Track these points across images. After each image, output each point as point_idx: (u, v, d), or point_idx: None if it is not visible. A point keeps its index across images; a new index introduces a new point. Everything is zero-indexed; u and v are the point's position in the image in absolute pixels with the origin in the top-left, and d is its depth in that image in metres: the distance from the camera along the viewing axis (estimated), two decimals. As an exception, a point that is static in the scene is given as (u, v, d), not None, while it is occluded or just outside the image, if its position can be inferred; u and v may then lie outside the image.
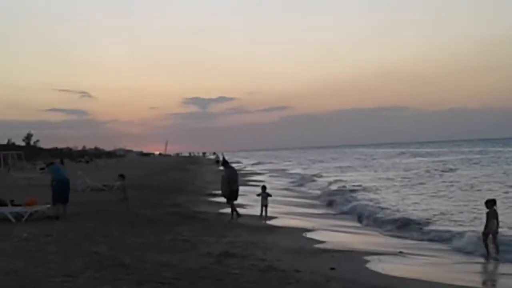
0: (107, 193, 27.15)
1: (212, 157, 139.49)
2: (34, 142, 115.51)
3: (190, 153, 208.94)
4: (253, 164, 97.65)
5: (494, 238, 13.34)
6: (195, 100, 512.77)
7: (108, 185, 30.19)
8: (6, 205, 17.64)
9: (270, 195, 20.62)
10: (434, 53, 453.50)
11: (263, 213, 20.17)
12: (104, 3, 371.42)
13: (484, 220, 13.66)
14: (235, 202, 19.20)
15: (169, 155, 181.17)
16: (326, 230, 17.55)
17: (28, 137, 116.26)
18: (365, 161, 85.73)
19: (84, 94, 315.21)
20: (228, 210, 19.69)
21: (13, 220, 16.31)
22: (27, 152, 65.43)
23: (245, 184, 40.54)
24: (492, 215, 13.44)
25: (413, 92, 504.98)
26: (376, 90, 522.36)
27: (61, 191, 17.74)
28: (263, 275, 9.80)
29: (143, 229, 15.43)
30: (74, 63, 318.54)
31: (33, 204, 17.91)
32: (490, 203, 13.72)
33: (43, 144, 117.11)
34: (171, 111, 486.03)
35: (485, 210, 13.82)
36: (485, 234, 13.38)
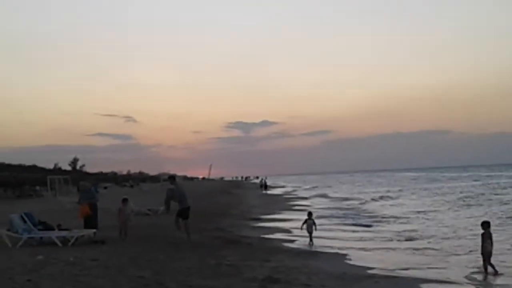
0: (152, 218, 27.35)
1: (256, 181, 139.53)
2: (80, 167, 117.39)
3: (233, 178, 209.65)
4: (295, 188, 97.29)
5: (489, 258, 13.78)
6: (238, 124, 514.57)
7: (153, 210, 30.43)
8: (53, 229, 17.95)
9: (315, 223, 20.32)
10: (478, 76, 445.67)
11: (310, 240, 19.84)
12: (148, 28, 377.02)
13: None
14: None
15: (213, 179, 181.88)
16: (371, 254, 17.34)
17: (74, 161, 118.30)
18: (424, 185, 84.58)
19: (129, 118, 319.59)
20: (272, 235, 19.62)
21: (59, 244, 16.53)
22: (73, 176, 66.40)
23: (290, 208, 40.51)
24: (487, 236, 13.88)
25: (456, 115, 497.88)
26: (418, 114, 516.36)
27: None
28: (307, 301, 9.73)
29: (187, 253, 15.48)
30: (119, 88, 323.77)
31: (85, 212, 18.27)
32: (485, 225, 14.18)
33: (89, 169, 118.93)
34: (214, 135, 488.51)
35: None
36: (483, 254, 13.81)
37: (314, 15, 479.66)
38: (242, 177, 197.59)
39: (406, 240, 21.26)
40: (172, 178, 20.31)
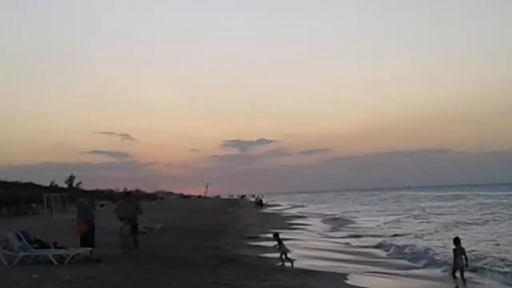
0: (148, 236, 27.26)
1: (252, 199, 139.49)
2: (77, 184, 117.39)
3: (229, 196, 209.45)
4: (292, 207, 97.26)
5: (462, 272, 14.93)
6: (235, 143, 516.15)
7: (149, 228, 30.35)
8: (49, 247, 17.87)
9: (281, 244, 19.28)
10: (480, 94, 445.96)
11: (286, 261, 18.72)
12: (147, 46, 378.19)
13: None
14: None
15: (209, 198, 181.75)
16: (368, 275, 17.31)
17: (71, 179, 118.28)
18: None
19: (126, 136, 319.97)
20: (269, 254, 19.48)
21: (55, 262, 16.44)
22: (70, 194, 66.27)
23: (287, 227, 40.47)
24: (459, 252, 14.99)
25: (456, 134, 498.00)
26: (417, 133, 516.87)
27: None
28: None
29: (184, 272, 15.42)
30: (116, 106, 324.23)
31: (82, 229, 18.23)
32: (457, 241, 15.30)
33: (85, 186, 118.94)
34: (211, 153, 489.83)
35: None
36: (454, 270, 15.09)
37: (312, 34, 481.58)
38: (238, 195, 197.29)
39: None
40: (127, 194, 20.94)
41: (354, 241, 29.94)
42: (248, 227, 39.43)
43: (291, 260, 18.74)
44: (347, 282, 15.47)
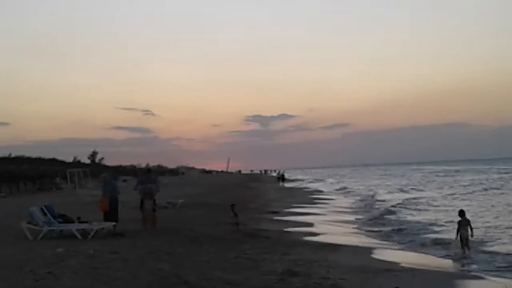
0: (171, 211, 27.40)
1: (274, 174, 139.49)
2: (99, 160, 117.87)
3: (251, 171, 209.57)
4: (314, 181, 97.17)
5: (467, 242, 15.82)
6: (257, 118, 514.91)
7: (171, 203, 30.50)
8: (73, 222, 18.05)
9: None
10: (498, 68, 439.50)
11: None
12: (167, 22, 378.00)
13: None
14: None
15: (230, 173, 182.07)
16: (390, 249, 17.27)
17: (93, 154, 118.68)
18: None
19: (147, 112, 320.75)
20: (291, 229, 19.52)
21: (79, 236, 16.60)
22: (92, 169, 66.66)
23: (310, 202, 40.45)
24: (464, 223, 15.90)
25: (476, 108, 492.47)
26: (438, 107, 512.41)
27: None
28: (327, 294, 9.69)
29: (206, 246, 15.48)
30: (138, 81, 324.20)
31: (105, 205, 18.38)
32: (462, 213, 16.28)
33: (108, 162, 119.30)
34: (233, 128, 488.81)
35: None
36: (461, 240, 15.86)
37: (333, 7, 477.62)
38: (261, 171, 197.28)
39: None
40: (148, 170, 21.38)
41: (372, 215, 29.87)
42: (270, 202, 39.48)
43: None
44: (369, 256, 15.46)
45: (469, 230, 15.92)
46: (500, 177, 75.71)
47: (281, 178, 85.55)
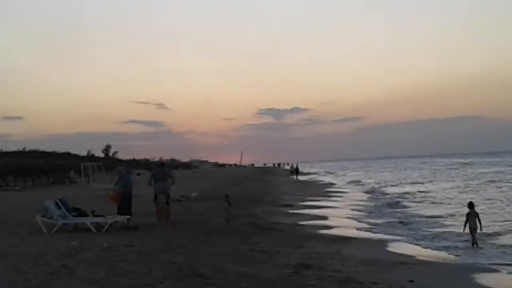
0: (184, 204, 27.49)
1: (287, 167, 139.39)
2: (113, 154, 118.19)
3: (264, 164, 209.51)
4: (328, 174, 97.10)
5: (474, 233, 16.04)
6: (270, 111, 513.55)
7: (185, 196, 30.59)
8: (87, 215, 18.15)
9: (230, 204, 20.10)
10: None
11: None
12: (180, 15, 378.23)
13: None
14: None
15: (244, 166, 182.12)
16: (403, 242, 17.21)
17: (107, 148, 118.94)
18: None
19: (161, 106, 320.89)
20: (304, 222, 19.51)
21: (94, 230, 16.68)
22: (106, 163, 66.87)
23: (323, 195, 40.41)
24: (472, 215, 16.19)
25: (492, 101, 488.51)
26: (453, 100, 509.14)
27: None
28: (340, 287, 9.68)
29: (220, 239, 15.52)
30: (151, 75, 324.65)
31: (116, 200, 18.48)
32: (471, 205, 16.65)
33: (121, 155, 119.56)
34: (246, 122, 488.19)
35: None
36: (470, 230, 16.07)
37: (347, 1, 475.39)
38: (274, 164, 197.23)
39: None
40: (161, 165, 21.53)
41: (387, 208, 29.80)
42: (283, 195, 39.48)
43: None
44: (383, 249, 15.43)
45: (477, 222, 16.06)
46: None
47: (295, 171, 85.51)
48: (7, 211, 23.26)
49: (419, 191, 42.17)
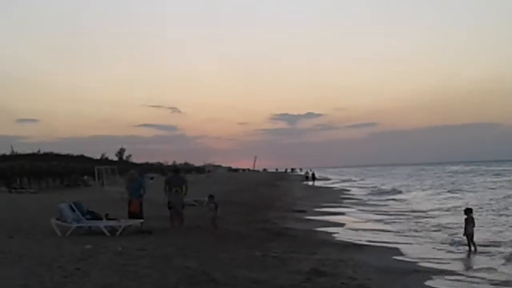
0: (198, 209, 27.50)
1: (301, 173, 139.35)
2: (127, 157, 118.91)
3: (276, 169, 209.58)
4: (342, 181, 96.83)
5: (472, 238, 16.47)
6: (284, 116, 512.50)
7: (199, 201, 30.58)
8: (101, 218, 18.20)
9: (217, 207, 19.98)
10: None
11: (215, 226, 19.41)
12: (193, 19, 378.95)
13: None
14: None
15: (257, 171, 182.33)
16: (418, 250, 17.12)
17: (121, 152, 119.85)
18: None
19: (174, 109, 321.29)
20: (318, 228, 19.46)
21: (107, 233, 16.74)
22: (120, 166, 67.27)
23: (336, 201, 40.31)
24: (469, 221, 16.53)
25: (506, 108, 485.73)
26: (466, 107, 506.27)
27: None
28: (354, 295, 9.66)
29: (233, 244, 15.54)
30: (165, 79, 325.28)
31: (136, 209, 18.55)
32: (468, 211, 16.96)
33: (135, 159, 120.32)
34: (259, 126, 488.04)
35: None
36: (467, 235, 16.52)
37: (361, 5, 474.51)
38: (286, 169, 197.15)
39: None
40: (176, 170, 21.21)
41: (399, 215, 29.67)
42: (296, 200, 39.46)
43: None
44: (396, 256, 15.34)
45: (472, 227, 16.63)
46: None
47: (312, 177, 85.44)
48: (22, 213, 23.40)
49: (435, 200, 41.92)
